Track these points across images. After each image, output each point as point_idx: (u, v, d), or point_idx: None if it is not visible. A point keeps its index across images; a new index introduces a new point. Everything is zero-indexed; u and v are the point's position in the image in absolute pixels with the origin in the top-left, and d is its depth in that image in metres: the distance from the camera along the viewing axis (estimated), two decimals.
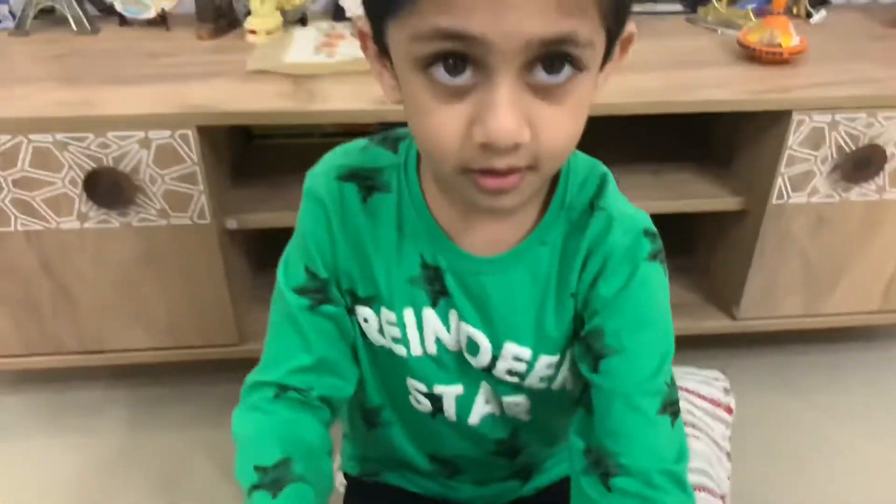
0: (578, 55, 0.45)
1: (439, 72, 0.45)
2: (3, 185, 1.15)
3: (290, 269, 0.64)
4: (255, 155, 1.45)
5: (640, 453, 0.54)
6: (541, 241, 0.58)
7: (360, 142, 0.64)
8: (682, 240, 1.62)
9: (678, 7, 1.58)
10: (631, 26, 0.52)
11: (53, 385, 1.51)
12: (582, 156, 0.62)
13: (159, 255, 1.25)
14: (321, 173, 0.62)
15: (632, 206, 0.62)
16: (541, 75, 0.45)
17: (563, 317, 0.59)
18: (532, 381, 0.62)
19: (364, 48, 0.55)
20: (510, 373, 0.62)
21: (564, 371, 0.62)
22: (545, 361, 0.60)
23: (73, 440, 1.42)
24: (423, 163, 0.59)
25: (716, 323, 1.44)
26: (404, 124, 0.54)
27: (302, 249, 0.63)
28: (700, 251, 1.58)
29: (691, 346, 1.49)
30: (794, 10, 1.56)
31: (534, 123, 0.46)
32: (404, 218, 0.60)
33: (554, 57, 0.44)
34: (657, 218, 0.76)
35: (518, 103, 0.44)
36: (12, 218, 1.18)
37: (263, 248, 1.54)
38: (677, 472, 0.55)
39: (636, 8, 1.33)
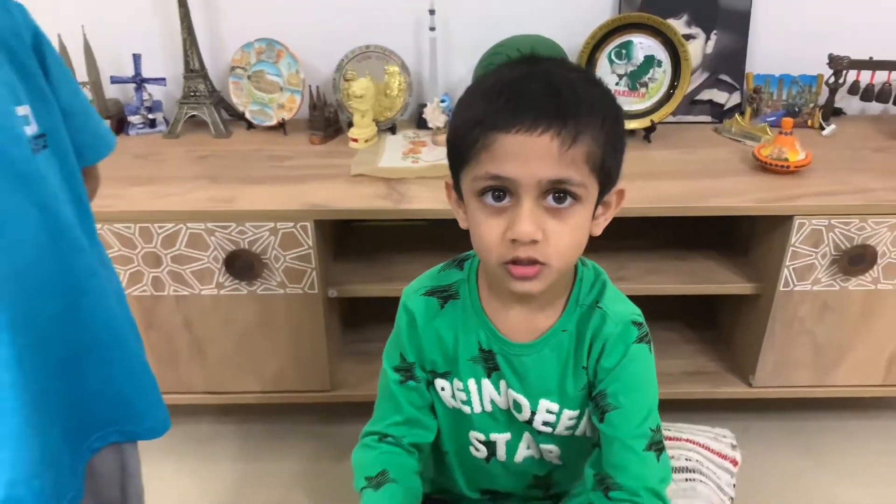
0: (574, 191, 0.73)
1: (489, 198, 0.74)
2: (164, 260, 1.49)
3: (389, 354, 0.93)
4: (351, 237, 1.78)
5: (631, 477, 0.80)
6: (562, 329, 0.86)
7: (438, 266, 0.93)
8: (706, 316, 1.86)
9: (707, 118, 1.85)
10: (621, 185, 0.80)
11: (177, 418, 1.83)
12: (591, 265, 0.90)
13: (275, 316, 1.57)
14: (412, 292, 0.91)
15: (625, 302, 0.88)
16: (550, 202, 0.73)
17: (578, 382, 0.86)
18: (560, 429, 0.89)
19: (448, 196, 0.85)
20: (545, 423, 0.89)
21: (583, 422, 0.89)
22: (568, 414, 0.87)
23: (192, 466, 1.72)
24: (480, 276, 0.87)
25: (734, 389, 1.67)
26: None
27: (397, 341, 0.92)
28: (723, 326, 1.82)
29: (713, 409, 1.73)
30: (809, 123, 1.82)
31: (545, 231, 0.74)
32: (467, 316, 0.88)
33: (558, 191, 0.73)
34: (683, 298, 0.98)
35: (535, 217, 0.73)
36: (167, 285, 1.52)
37: (351, 312, 1.85)
38: (658, 490, 0.80)
39: (670, 118, 1.65)
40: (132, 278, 1.50)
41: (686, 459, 1.29)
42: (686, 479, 1.26)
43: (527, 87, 0.71)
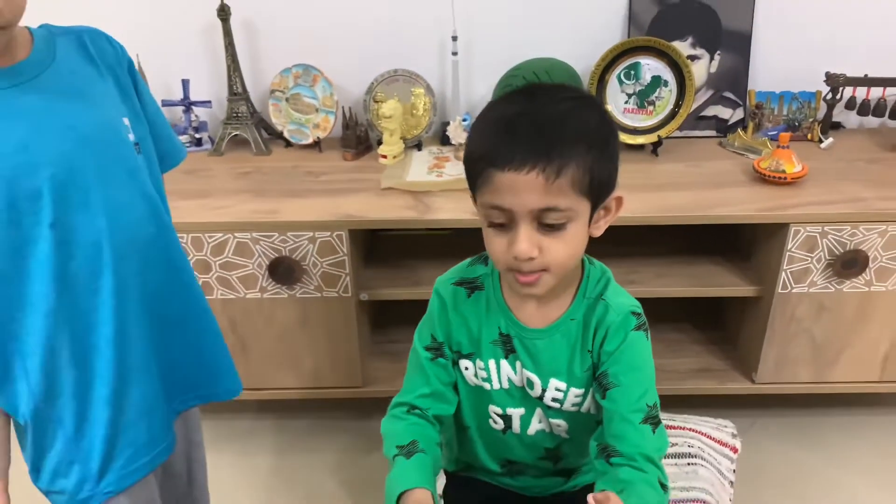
0: (563, 214, 0.85)
1: (493, 221, 0.88)
2: (213, 266, 1.65)
3: (421, 334, 1.06)
4: (381, 245, 1.92)
5: (629, 445, 0.92)
6: (571, 318, 0.99)
7: (467, 261, 1.06)
8: (713, 317, 1.98)
9: (713, 133, 1.98)
10: (618, 193, 0.93)
11: (218, 415, 1.98)
12: (598, 264, 1.02)
13: (312, 318, 1.71)
14: (444, 281, 1.05)
15: (626, 296, 1.01)
16: (545, 223, 0.86)
17: (584, 364, 0.99)
18: (567, 405, 1.01)
19: (474, 203, 0.99)
20: (553, 399, 1.02)
21: (588, 400, 1.01)
22: (574, 392, 1.00)
23: (231, 458, 1.87)
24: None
25: (738, 385, 1.79)
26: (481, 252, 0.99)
27: (429, 323, 1.05)
28: (728, 327, 1.94)
29: (719, 406, 1.84)
30: (809, 136, 1.94)
31: (542, 247, 0.87)
32: (490, 305, 1.01)
33: (549, 215, 0.85)
34: (691, 301, 1.07)
35: (531, 237, 0.86)
36: (215, 289, 1.67)
37: (381, 315, 1.99)
38: (652, 457, 0.92)
39: (677, 133, 1.78)
40: None
41: (689, 446, 1.42)
42: (688, 464, 1.38)
43: (518, 127, 0.84)
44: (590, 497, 0.75)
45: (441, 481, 1.25)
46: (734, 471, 1.43)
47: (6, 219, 0.86)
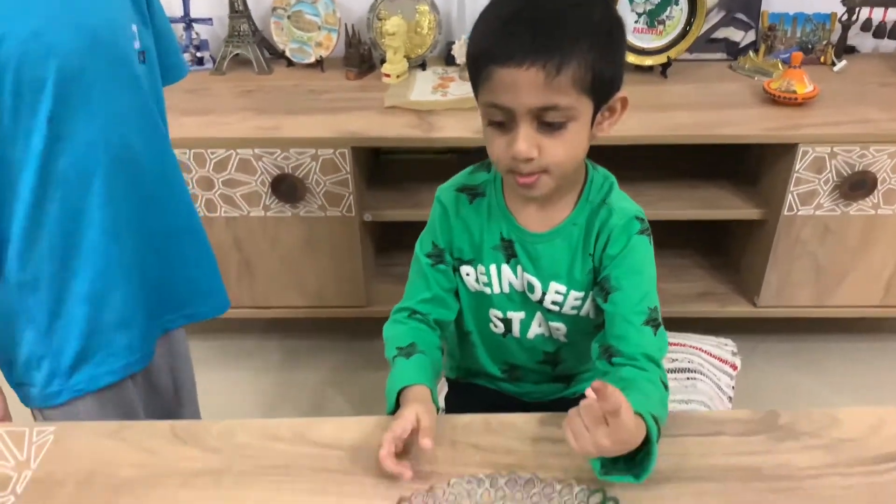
0: (563, 113, 0.84)
1: (493, 121, 0.87)
2: (216, 183, 1.64)
3: (423, 242, 1.06)
4: (382, 167, 1.91)
5: (631, 345, 0.93)
6: (573, 223, 0.98)
7: (469, 168, 1.06)
8: (717, 243, 1.98)
9: (723, 55, 1.94)
10: (622, 93, 0.91)
11: (226, 334, 2.01)
12: (601, 170, 1.01)
13: (316, 237, 1.72)
14: (446, 188, 1.04)
15: (630, 201, 1.00)
16: (544, 123, 0.85)
17: (585, 268, 0.99)
18: (566, 308, 1.02)
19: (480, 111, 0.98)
20: (553, 303, 1.02)
21: (587, 304, 1.02)
22: (574, 295, 1.00)
23: (238, 375, 1.90)
24: (504, 177, 1.00)
25: (740, 309, 1.80)
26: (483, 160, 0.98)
27: (431, 231, 1.05)
28: (731, 252, 1.93)
29: (721, 330, 1.85)
30: (822, 59, 1.90)
31: (541, 147, 0.86)
32: (492, 211, 1.01)
33: (549, 114, 0.84)
34: (695, 226, 1.06)
35: (530, 137, 0.85)
36: (219, 207, 1.67)
37: (383, 237, 2.00)
38: (654, 356, 0.92)
39: (687, 56, 1.75)
40: None
41: (689, 361, 1.43)
42: (687, 378, 1.40)
43: (519, 22, 0.82)
44: (588, 390, 0.76)
45: (443, 390, 1.27)
46: (733, 387, 1.45)
47: (9, 105, 0.85)
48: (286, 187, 1.63)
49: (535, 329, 1.06)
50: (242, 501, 0.80)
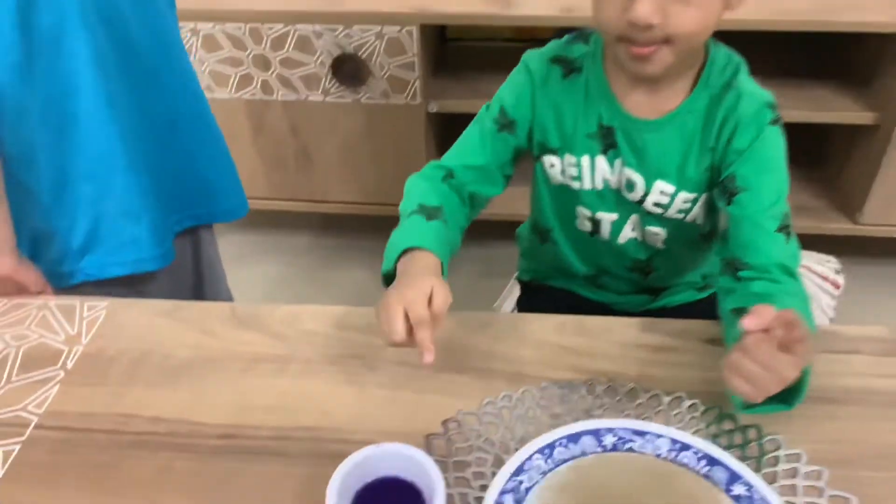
0: None
1: None
2: (273, 63, 1.52)
3: (491, 106, 0.91)
4: (449, 54, 1.76)
5: (761, 256, 0.79)
6: (688, 110, 0.84)
7: (567, 37, 0.91)
8: (813, 153, 1.79)
9: None
10: None
11: (278, 229, 1.93)
12: (724, 48, 0.86)
13: (377, 127, 1.59)
14: (537, 54, 0.90)
15: (759, 87, 0.85)
16: None
17: (701, 165, 0.84)
18: (672, 212, 0.89)
19: None
20: (656, 205, 0.89)
21: (698, 207, 0.88)
22: (683, 196, 0.87)
23: (278, 270, 1.83)
24: (606, 50, 0.85)
25: (839, 226, 1.64)
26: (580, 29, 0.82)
27: (505, 96, 0.90)
28: (831, 162, 1.75)
29: (816, 247, 1.70)
30: None
31: (667, 13, 0.71)
32: (590, 91, 0.87)
33: None
34: (796, 126, 0.95)
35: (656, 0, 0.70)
36: (276, 90, 1.55)
37: (448, 133, 1.86)
38: (789, 266, 0.79)
39: None
40: (242, 81, 1.54)
41: None
42: None
43: None
44: (746, 322, 0.62)
45: (514, 292, 1.17)
46: (834, 308, 1.31)
47: None
48: (348, 69, 1.50)
49: (627, 233, 0.92)
50: (310, 391, 0.72)
